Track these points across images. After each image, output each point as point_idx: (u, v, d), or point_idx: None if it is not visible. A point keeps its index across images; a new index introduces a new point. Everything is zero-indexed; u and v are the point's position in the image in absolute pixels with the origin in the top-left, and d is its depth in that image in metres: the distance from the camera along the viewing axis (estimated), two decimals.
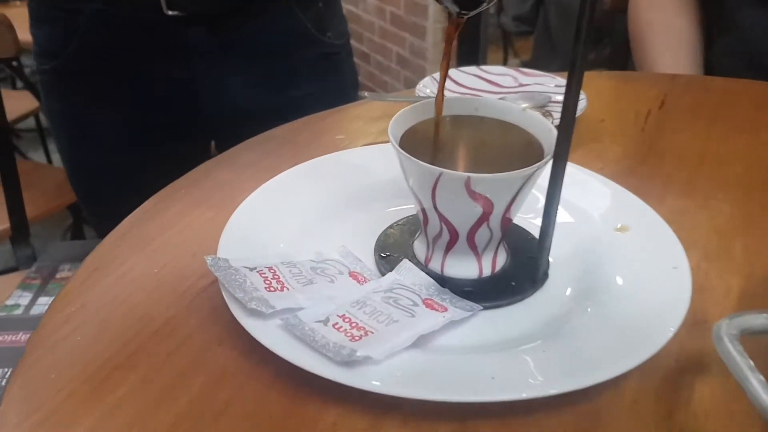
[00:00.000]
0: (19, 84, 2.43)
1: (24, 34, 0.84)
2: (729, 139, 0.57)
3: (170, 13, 0.75)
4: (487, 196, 0.35)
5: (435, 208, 0.36)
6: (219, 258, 0.36)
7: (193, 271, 0.40)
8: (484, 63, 2.35)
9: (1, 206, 1.03)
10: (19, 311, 0.82)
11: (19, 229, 1.04)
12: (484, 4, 0.34)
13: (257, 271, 0.35)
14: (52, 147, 2.59)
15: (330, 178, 0.47)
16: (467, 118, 0.41)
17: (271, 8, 0.81)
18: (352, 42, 0.93)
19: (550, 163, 0.34)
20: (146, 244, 0.42)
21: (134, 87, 0.83)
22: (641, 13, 0.91)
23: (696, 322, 0.36)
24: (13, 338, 0.75)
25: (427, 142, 0.39)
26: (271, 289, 0.35)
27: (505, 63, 3.10)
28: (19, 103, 1.84)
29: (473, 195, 0.34)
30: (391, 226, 0.43)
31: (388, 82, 2.62)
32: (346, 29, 0.95)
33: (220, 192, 0.48)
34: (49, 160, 2.43)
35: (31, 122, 2.38)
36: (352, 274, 0.38)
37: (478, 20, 2.18)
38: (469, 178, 0.34)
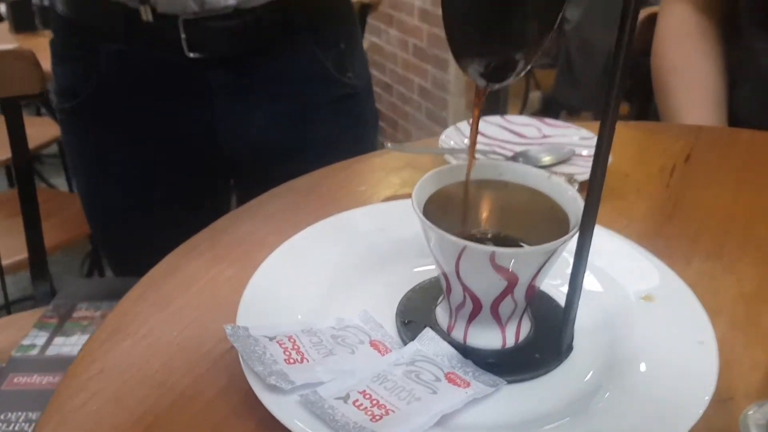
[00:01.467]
0: (43, 109, 2.48)
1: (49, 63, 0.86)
2: (758, 196, 0.56)
3: (191, 55, 0.76)
4: (512, 269, 0.34)
5: (458, 278, 0.36)
6: (239, 327, 0.36)
7: (211, 334, 0.39)
8: (506, 93, 2.36)
9: (20, 235, 1.04)
10: (34, 351, 0.82)
11: (38, 265, 1.04)
12: (511, 77, 0.34)
13: (277, 341, 0.35)
14: None
15: (351, 236, 0.46)
16: (491, 182, 0.40)
17: (292, 49, 0.82)
18: (375, 72, 0.93)
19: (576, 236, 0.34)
20: (166, 305, 0.42)
21: (153, 126, 0.84)
22: (666, 59, 0.90)
23: (721, 399, 0.35)
24: (28, 380, 0.75)
25: (451, 208, 0.39)
26: (291, 361, 0.34)
27: (526, 95, 3.11)
28: (43, 129, 1.87)
29: (498, 268, 0.34)
30: (413, 289, 0.43)
31: (410, 113, 2.63)
32: (366, 70, 0.95)
33: (241, 247, 0.48)
34: (71, 188, 2.46)
35: (54, 148, 2.41)
36: (373, 343, 0.37)
37: None
38: (493, 252, 0.33)
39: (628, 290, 0.41)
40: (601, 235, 0.45)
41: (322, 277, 0.43)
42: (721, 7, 0.89)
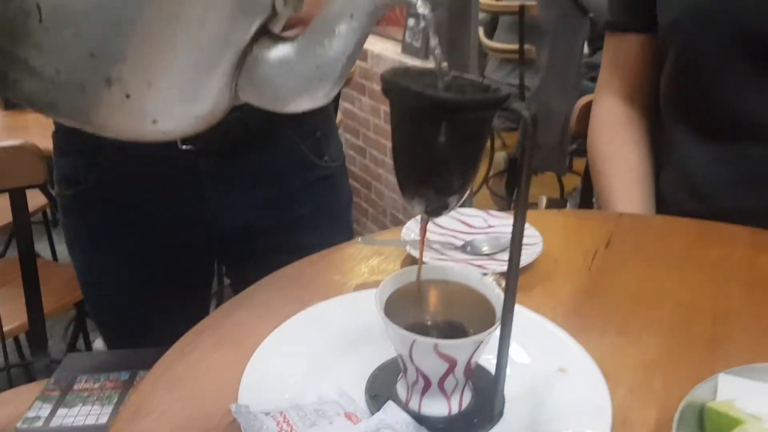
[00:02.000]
0: None
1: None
2: (663, 279, 0.68)
3: (184, 147, 0.86)
4: (452, 355, 0.45)
5: (411, 361, 0.46)
6: (241, 405, 0.46)
7: (218, 408, 0.49)
8: None
9: (13, 301, 1.11)
10: (39, 423, 0.90)
11: (38, 340, 1.12)
12: (449, 209, 0.45)
13: (271, 416, 0.45)
14: (57, 239, 2.70)
15: (327, 324, 0.57)
16: (438, 282, 0.51)
17: (274, 140, 0.92)
18: (349, 136, 1.04)
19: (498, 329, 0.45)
20: (177, 385, 0.52)
21: (148, 208, 0.93)
22: (598, 147, 1.04)
23: None
24: None
25: (407, 302, 0.50)
26: (282, 431, 0.44)
27: (492, 155, 3.27)
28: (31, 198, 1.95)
29: (440, 355, 0.45)
30: (378, 368, 0.53)
31: (382, 174, 2.76)
32: (341, 153, 1.07)
33: (237, 333, 0.59)
34: (54, 255, 2.53)
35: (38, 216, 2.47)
36: (347, 415, 0.47)
37: None
38: (436, 344, 0.44)
39: (548, 363, 0.52)
40: (530, 319, 0.57)
41: (305, 360, 0.53)
42: (646, 100, 1.03)
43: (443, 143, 0.40)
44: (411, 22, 2.39)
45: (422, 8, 0.37)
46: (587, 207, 1.12)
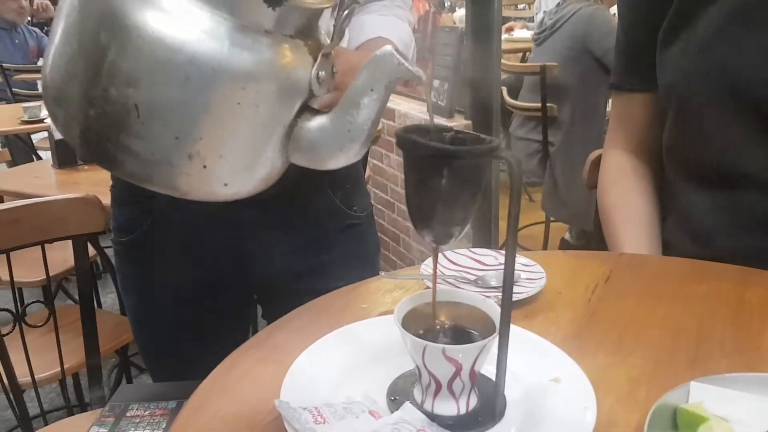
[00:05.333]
0: None
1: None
2: (653, 308, 0.76)
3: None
4: (457, 359, 0.54)
5: (425, 366, 0.55)
6: (283, 401, 0.55)
7: (262, 409, 0.58)
8: (497, 207, 2.60)
9: (53, 349, 1.21)
10: None
11: (94, 372, 1.23)
12: (454, 239, 0.55)
13: (308, 410, 0.54)
14: (101, 290, 2.84)
15: (356, 342, 0.66)
16: (449, 303, 0.61)
17: (308, 191, 1.03)
18: (377, 191, 1.12)
19: (497, 338, 0.54)
20: (227, 391, 0.62)
21: (195, 255, 1.04)
22: (607, 196, 1.12)
23: None
24: None
25: (421, 319, 0.59)
26: (317, 422, 0.53)
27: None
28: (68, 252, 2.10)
29: (448, 359, 0.54)
30: (399, 377, 0.62)
31: (410, 228, 2.87)
32: (369, 203, 1.17)
33: (278, 350, 0.68)
34: (99, 304, 2.66)
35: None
36: (371, 412, 0.56)
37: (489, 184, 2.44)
38: (444, 348, 0.53)
39: (543, 374, 0.61)
40: (528, 338, 0.65)
41: (335, 370, 0.62)
42: (650, 152, 1.12)
43: (445, 185, 0.51)
44: (436, 83, 2.53)
45: (422, 76, 0.49)
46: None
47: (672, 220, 1.08)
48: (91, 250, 1.96)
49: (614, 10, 2.92)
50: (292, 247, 1.04)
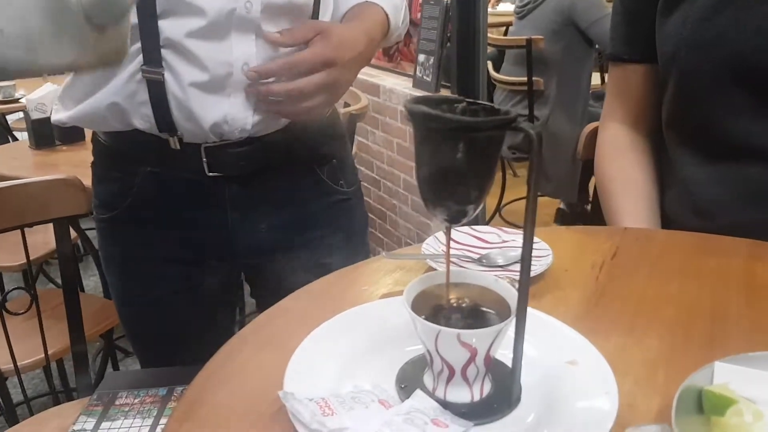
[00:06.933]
0: None
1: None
2: (665, 285, 0.73)
3: (211, 174, 0.94)
4: (472, 344, 0.51)
5: (437, 352, 0.52)
6: (287, 392, 0.52)
7: (265, 399, 0.55)
8: None
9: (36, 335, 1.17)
10: None
11: (80, 358, 1.19)
12: (468, 217, 0.52)
13: (315, 401, 0.51)
14: (83, 273, 2.78)
15: (360, 326, 0.63)
16: (460, 285, 0.57)
17: (292, 167, 1.00)
18: (363, 169, 1.09)
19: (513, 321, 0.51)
20: (227, 381, 0.58)
21: (178, 232, 1.00)
22: (605, 169, 1.10)
23: (624, 426, 0.51)
24: None
25: (431, 302, 0.56)
26: (325, 414, 0.50)
27: (504, 180, 3.33)
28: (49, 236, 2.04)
29: (463, 344, 0.51)
30: (407, 363, 0.59)
31: (396, 205, 2.83)
32: (356, 178, 1.14)
33: (279, 336, 0.65)
34: (82, 288, 2.60)
35: None
36: (381, 401, 0.53)
37: None
38: (459, 333, 0.50)
39: (559, 357, 0.58)
40: (541, 319, 0.62)
41: (340, 358, 0.59)
42: (649, 125, 1.10)
43: (462, 159, 0.47)
44: (421, 57, 2.48)
45: None
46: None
47: (672, 194, 1.06)
48: (72, 233, 1.91)
49: None
50: (278, 223, 1.01)
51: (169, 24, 0.83)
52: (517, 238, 0.81)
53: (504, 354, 0.58)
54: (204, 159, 0.92)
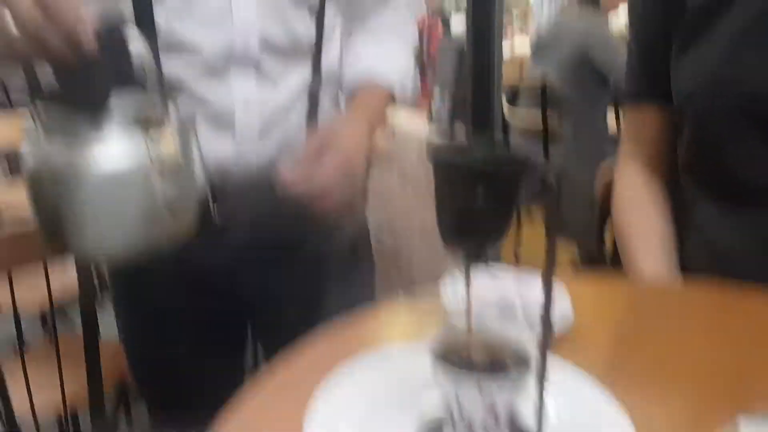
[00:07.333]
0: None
1: None
2: (687, 341, 0.72)
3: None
4: (493, 395, 0.50)
5: (458, 408, 0.52)
6: None
7: None
8: None
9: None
10: None
11: (97, 410, 1.16)
12: (481, 260, 0.52)
13: None
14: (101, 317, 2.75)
15: (378, 377, 0.62)
16: (479, 338, 0.57)
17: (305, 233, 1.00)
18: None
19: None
20: (245, 425, 0.58)
21: (189, 279, 0.99)
22: (623, 216, 1.09)
23: None
24: None
25: (454, 355, 0.55)
26: None
27: (518, 228, 3.31)
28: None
29: (485, 400, 0.50)
30: (428, 420, 0.58)
31: (411, 245, 2.82)
32: (365, 222, 1.14)
33: (296, 379, 0.64)
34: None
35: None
36: None
37: None
38: (480, 382, 0.49)
39: (581, 414, 0.57)
40: (565, 373, 0.61)
41: (357, 411, 0.58)
42: (665, 167, 1.07)
43: (482, 203, 0.48)
44: (437, 94, 2.51)
45: None
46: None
47: (691, 243, 1.04)
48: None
49: (619, 20, 2.90)
50: (283, 270, 1.02)
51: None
52: (536, 281, 0.80)
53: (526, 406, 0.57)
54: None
